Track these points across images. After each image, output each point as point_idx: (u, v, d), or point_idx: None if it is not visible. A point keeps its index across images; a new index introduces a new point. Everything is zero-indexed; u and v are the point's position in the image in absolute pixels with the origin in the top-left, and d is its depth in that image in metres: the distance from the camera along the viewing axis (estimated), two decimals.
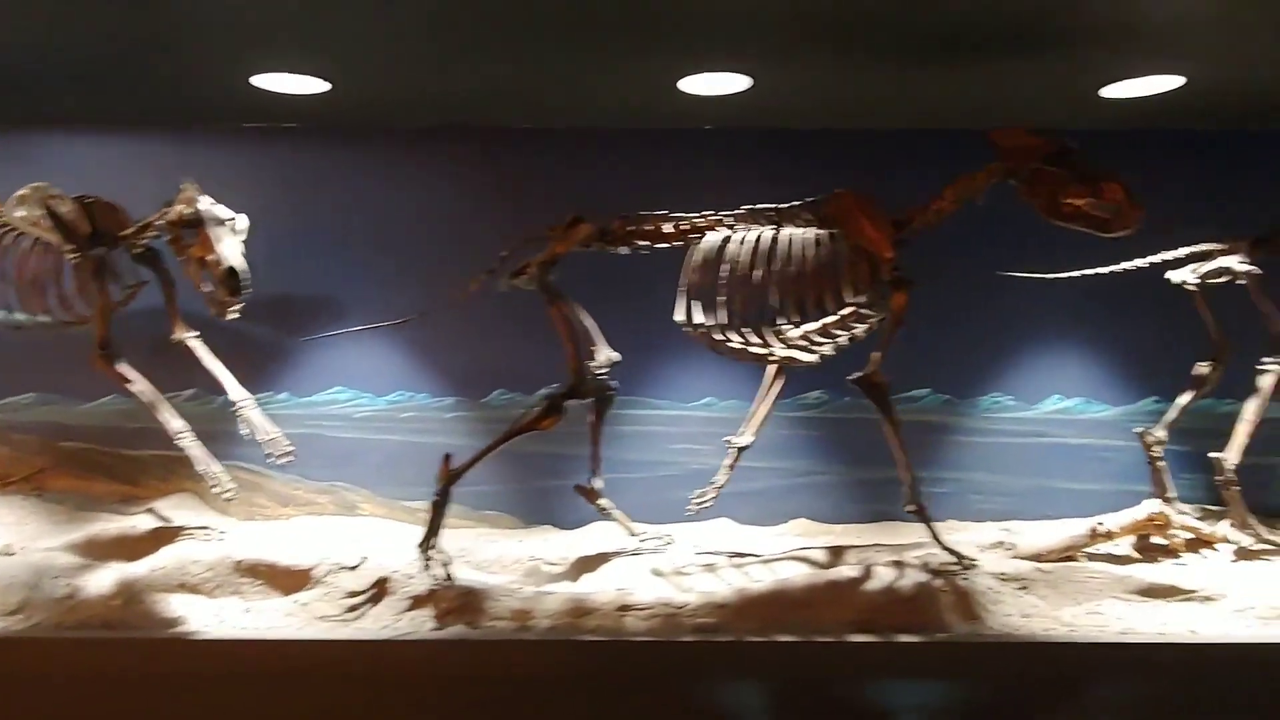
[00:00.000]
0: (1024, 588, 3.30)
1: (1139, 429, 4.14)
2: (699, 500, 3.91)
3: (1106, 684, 3.00)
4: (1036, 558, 3.59)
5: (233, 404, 3.78)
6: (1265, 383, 3.89)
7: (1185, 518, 3.90)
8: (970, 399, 4.50)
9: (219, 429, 4.13)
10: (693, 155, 4.40)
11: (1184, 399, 4.13)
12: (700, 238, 3.40)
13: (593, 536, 4.06)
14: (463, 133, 4.44)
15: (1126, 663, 2.98)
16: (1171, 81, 3.83)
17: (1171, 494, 4.12)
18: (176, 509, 4.09)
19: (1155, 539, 3.87)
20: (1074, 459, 4.49)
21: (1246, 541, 3.83)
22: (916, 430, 4.52)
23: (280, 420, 4.37)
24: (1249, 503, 4.45)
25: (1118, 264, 4.12)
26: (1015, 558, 3.52)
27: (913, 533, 4.00)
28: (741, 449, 3.88)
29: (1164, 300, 4.17)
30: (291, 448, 3.79)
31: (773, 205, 3.49)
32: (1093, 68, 3.73)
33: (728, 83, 3.78)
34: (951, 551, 3.44)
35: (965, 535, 3.91)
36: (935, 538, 3.47)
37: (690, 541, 3.87)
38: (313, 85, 3.80)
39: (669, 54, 3.56)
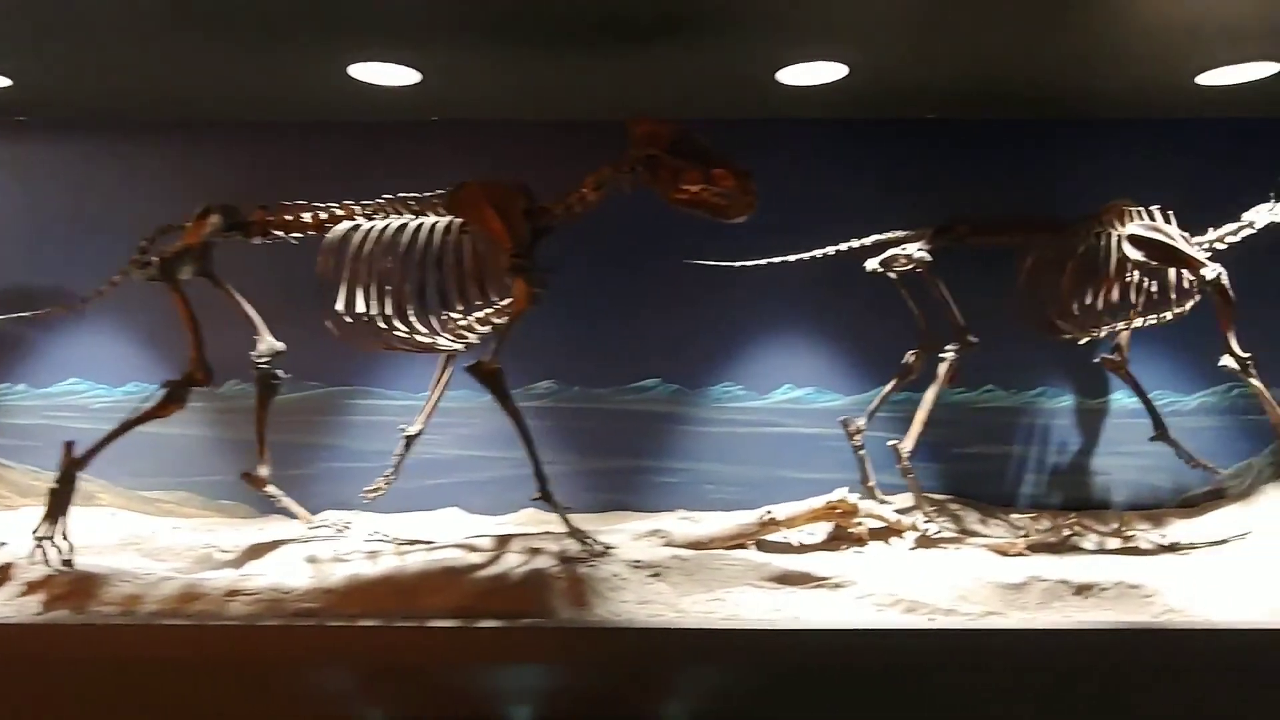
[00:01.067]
0: (656, 575, 3.30)
1: (842, 418, 4.19)
2: (370, 492, 3.94)
3: (695, 668, 3.03)
4: (698, 545, 3.62)
5: None
6: (942, 371, 3.91)
7: (873, 505, 3.92)
8: (701, 389, 4.52)
9: None
10: (361, 146, 4.42)
11: (887, 388, 4.18)
12: (345, 227, 3.44)
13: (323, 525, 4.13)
14: (166, 126, 4.48)
15: (719, 648, 3.00)
16: (839, 70, 3.83)
17: (872, 481, 4.16)
18: None
19: (845, 527, 3.85)
20: (806, 448, 4.50)
21: (932, 530, 3.84)
22: (646, 420, 4.59)
23: (18, 412, 4.48)
24: (986, 493, 4.57)
25: (812, 251, 4.15)
26: (668, 545, 3.55)
27: (626, 519, 4.11)
28: (411, 438, 3.91)
29: (887, 288, 4.16)
30: None
31: (415, 195, 3.54)
32: (764, 54, 3.73)
33: (396, 75, 3.82)
34: (581, 539, 3.45)
35: (646, 524, 3.90)
36: (566, 524, 3.48)
37: (372, 529, 3.87)
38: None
39: (335, 45, 3.59)
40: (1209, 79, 3.88)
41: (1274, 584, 3.31)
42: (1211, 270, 3.82)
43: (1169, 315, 3.98)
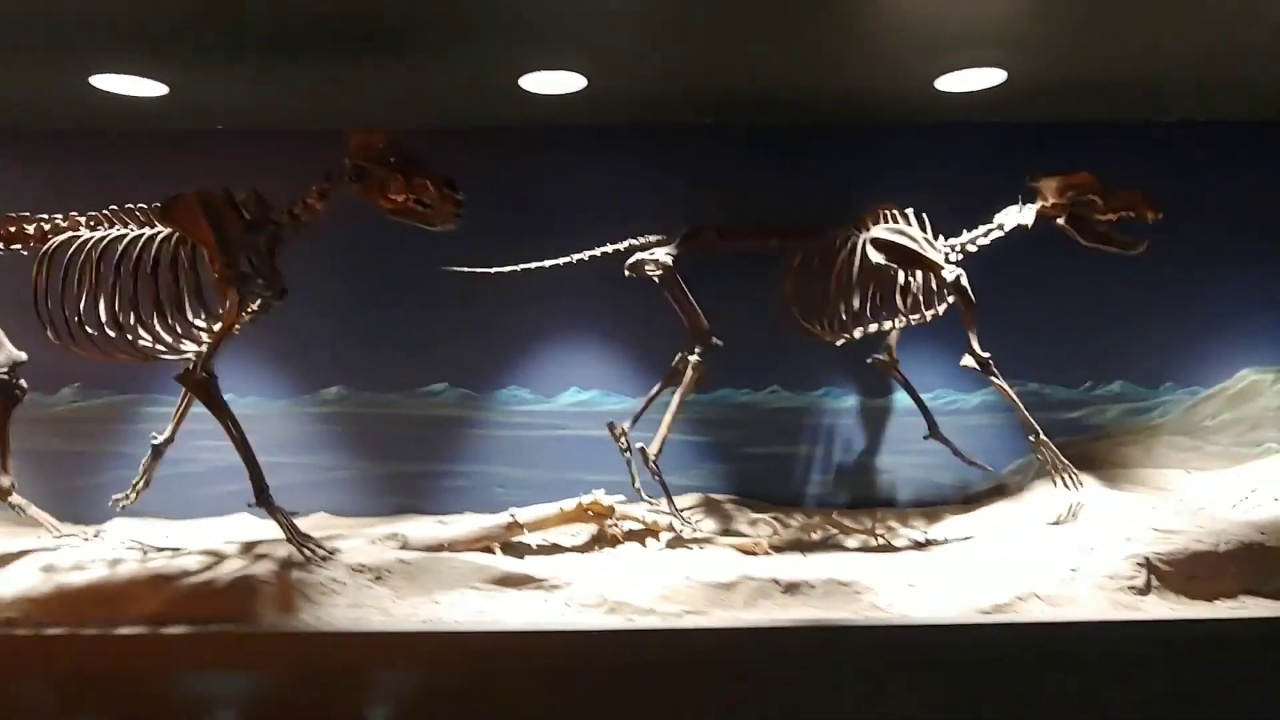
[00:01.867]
0: (378, 579, 3.35)
1: (609, 421, 4.24)
2: (120, 500, 3.95)
3: (392, 672, 3.08)
4: (437, 548, 3.66)
5: None
6: (687, 375, 3.97)
7: (629, 507, 3.98)
8: (489, 392, 4.57)
9: None
10: (107, 158, 4.41)
11: (653, 391, 4.23)
12: (62, 238, 3.49)
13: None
14: None
15: (412, 651, 3.05)
16: (578, 80, 3.88)
17: (638, 484, 4.21)
18: None
19: (601, 527, 3.91)
20: (594, 450, 4.50)
21: (687, 532, 3.90)
22: (436, 424, 4.64)
23: None
24: (775, 492, 4.63)
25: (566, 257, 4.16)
26: (403, 548, 3.58)
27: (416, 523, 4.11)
28: (158, 447, 3.91)
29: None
30: None
31: (141, 206, 3.57)
32: (506, 62, 3.76)
33: (142, 86, 3.85)
34: (301, 545, 3.44)
35: (388, 527, 3.93)
36: (286, 531, 3.49)
37: (125, 536, 3.86)
38: None
39: (76, 55, 3.59)
40: (946, 84, 3.95)
41: (977, 581, 3.37)
42: (950, 272, 3.89)
43: (926, 317, 4.06)
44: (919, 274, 3.98)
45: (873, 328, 4.03)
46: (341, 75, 3.83)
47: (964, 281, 3.87)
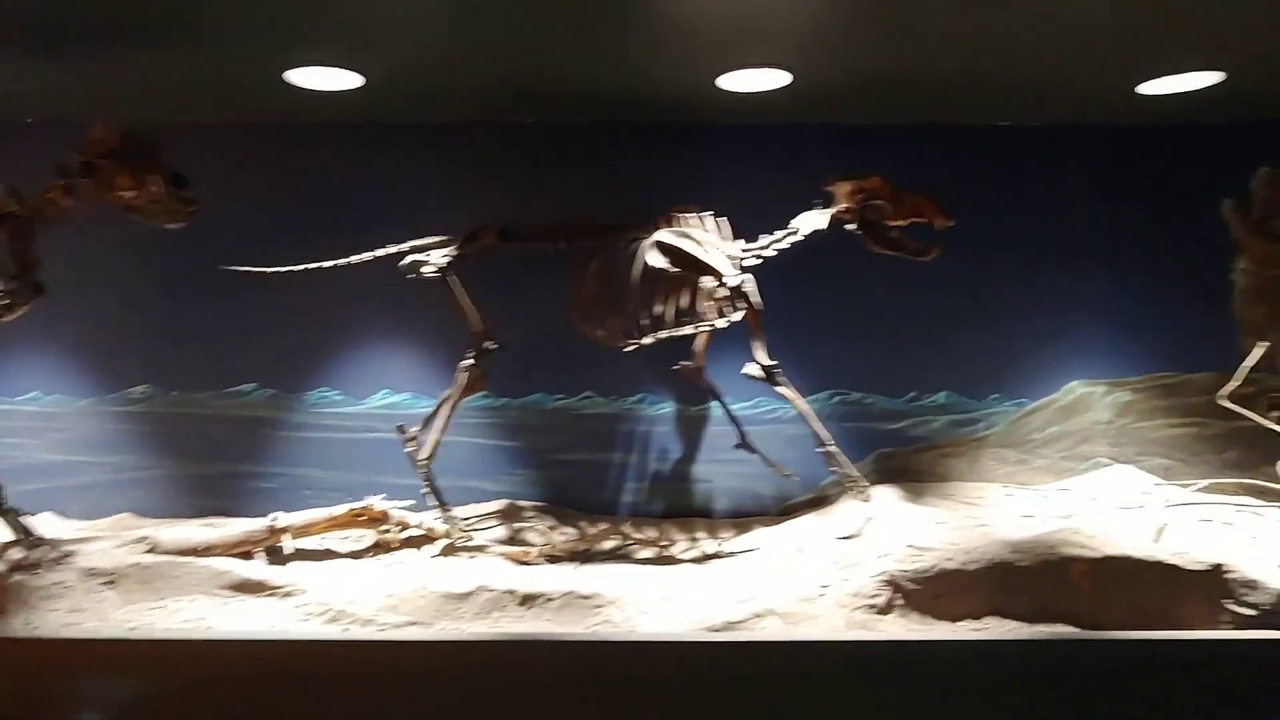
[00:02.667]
0: (110, 583, 3.29)
1: (398, 424, 4.15)
2: None
3: (100, 680, 3.01)
4: (194, 552, 3.59)
5: None
6: (460, 379, 3.88)
7: (403, 513, 3.89)
8: (298, 394, 4.48)
9: None
10: None
11: (445, 393, 4.14)
12: None
13: None
14: None
15: (118, 658, 2.98)
16: (354, 79, 3.80)
17: (425, 489, 4.12)
18: None
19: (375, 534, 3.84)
20: (403, 453, 4.52)
21: (458, 538, 3.79)
22: (244, 425, 4.56)
23: None
24: (588, 500, 4.53)
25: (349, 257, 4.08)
26: (151, 551, 3.51)
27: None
28: None
29: (480, 293, 4.11)
30: None
31: None
32: (273, 58, 3.66)
33: None
34: (29, 545, 3.40)
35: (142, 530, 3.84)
36: (14, 529, 3.46)
37: None
38: None
39: None
40: (729, 84, 3.84)
41: (726, 596, 3.28)
42: (733, 279, 3.78)
43: (719, 324, 3.94)
44: (710, 279, 3.90)
45: (663, 333, 3.94)
46: (111, 67, 3.71)
47: (747, 288, 3.77)
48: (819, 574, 3.34)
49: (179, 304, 4.43)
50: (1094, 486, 4.16)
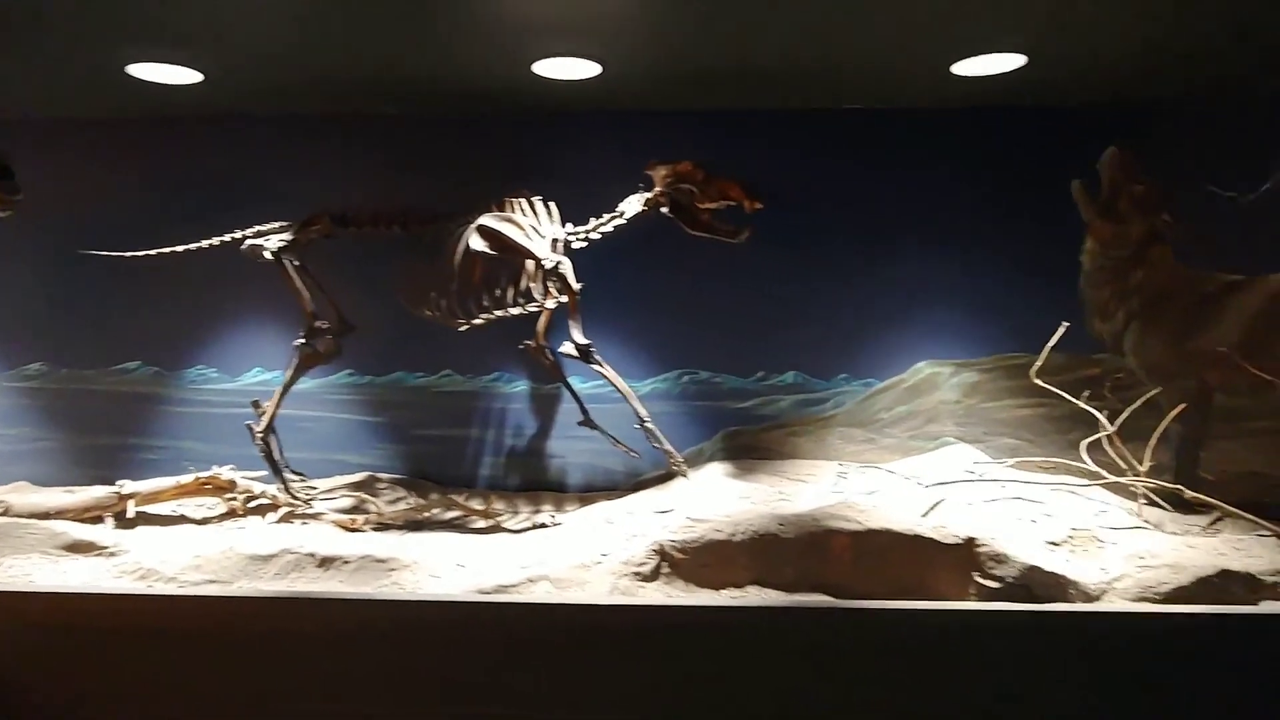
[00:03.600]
0: None
1: (254, 399, 4.37)
2: None
3: None
4: (44, 515, 3.86)
5: None
6: (295, 358, 4.10)
7: (249, 482, 4.13)
8: (178, 371, 4.77)
9: None
10: None
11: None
12: None
13: None
14: None
15: None
16: (193, 74, 4.01)
17: (278, 458, 4.34)
18: None
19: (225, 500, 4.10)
20: (280, 428, 4.61)
21: (294, 506, 4.04)
22: (130, 400, 4.84)
23: None
24: (447, 475, 4.70)
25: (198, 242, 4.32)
26: (4, 514, 3.80)
27: None
28: None
29: (347, 274, 4.38)
30: None
31: None
32: (115, 48, 3.86)
33: None
34: None
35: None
36: None
37: None
38: None
39: None
40: (544, 70, 3.95)
41: (514, 561, 3.45)
42: (550, 260, 3.92)
43: (548, 304, 4.08)
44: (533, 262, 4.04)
45: (497, 313, 4.09)
46: None
47: (564, 269, 3.90)
48: (606, 543, 3.51)
49: (69, 286, 4.73)
50: (929, 464, 4.26)
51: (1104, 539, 3.35)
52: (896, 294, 4.56)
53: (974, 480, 3.84)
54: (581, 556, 3.43)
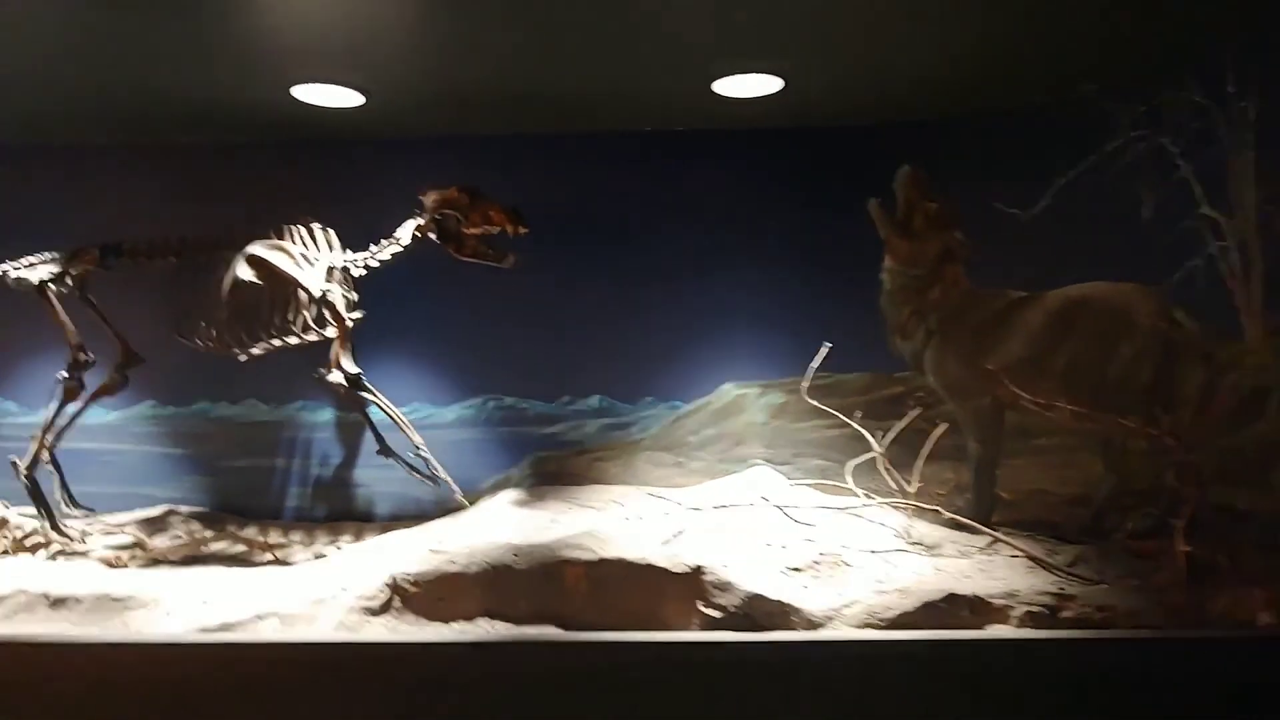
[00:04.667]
0: None
1: (34, 433, 4.28)
2: None
3: None
4: None
5: None
6: (58, 391, 4.03)
7: (21, 519, 4.04)
8: None
9: None
10: None
11: (73, 407, 4.18)
12: None
13: None
14: None
15: None
16: None
17: (58, 495, 4.25)
18: None
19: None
20: (78, 462, 4.53)
21: (62, 544, 3.92)
22: None
23: None
24: (254, 506, 4.57)
25: None
26: None
27: None
28: None
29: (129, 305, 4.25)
30: None
31: None
32: None
33: None
34: None
35: None
36: None
37: None
38: None
39: None
40: (302, 93, 3.94)
41: (257, 598, 3.35)
42: (317, 289, 3.88)
43: (326, 334, 4.01)
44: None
45: (275, 342, 4.03)
46: None
47: (331, 298, 3.87)
48: (350, 577, 3.42)
49: None
50: (732, 488, 4.20)
51: (851, 563, 3.31)
52: (700, 316, 4.52)
53: (741, 505, 3.77)
54: (322, 591, 3.35)
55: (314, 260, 3.96)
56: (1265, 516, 3.09)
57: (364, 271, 4.05)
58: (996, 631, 2.96)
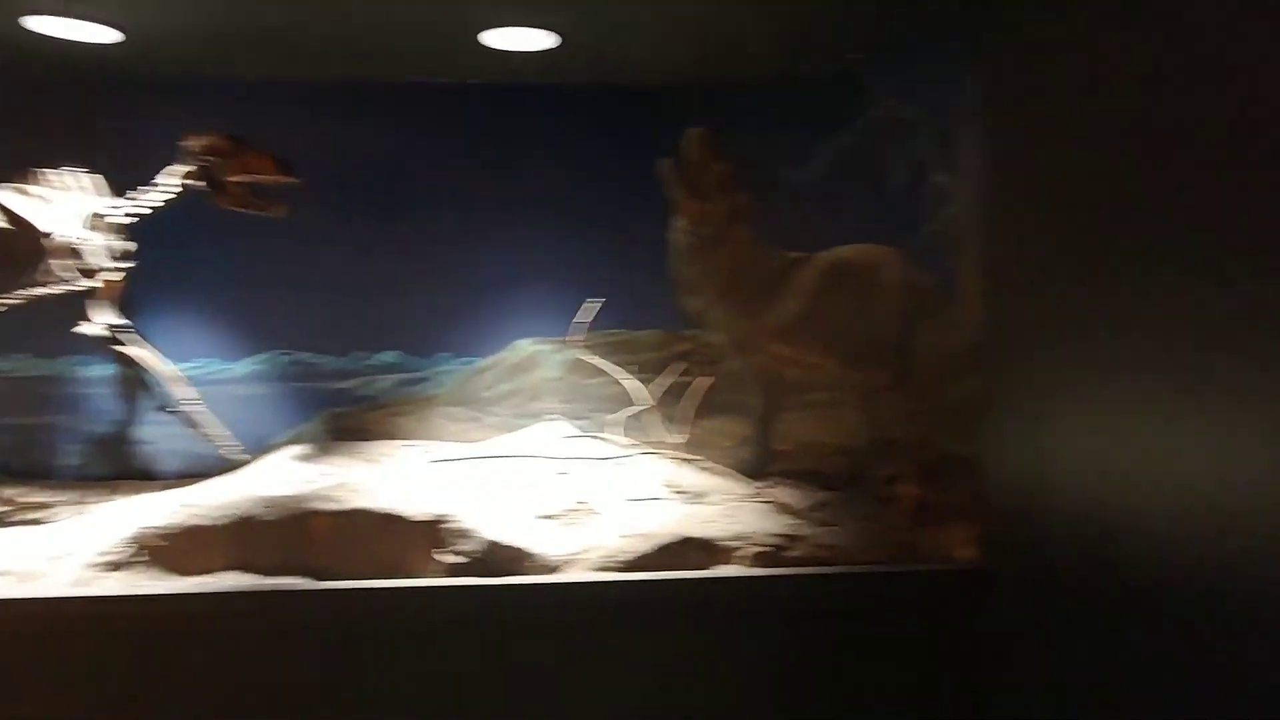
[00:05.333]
0: None
1: None
2: None
3: None
4: None
5: None
6: None
7: None
8: None
9: None
10: None
11: None
12: None
13: None
14: None
15: None
16: None
17: None
18: None
19: None
20: None
21: None
22: None
23: None
24: (27, 465, 4.34)
25: None
26: None
27: None
28: None
29: None
30: None
31: None
32: None
33: None
34: None
35: None
36: None
37: None
38: None
39: None
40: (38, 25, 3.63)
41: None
42: (63, 238, 3.73)
43: (84, 285, 3.84)
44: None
45: (24, 293, 3.85)
46: None
47: (84, 248, 3.71)
48: (98, 534, 3.35)
49: None
50: (517, 441, 4.28)
51: (603, 510, 3.44)
52: (495, 271, 4.51)
53: (493, 456, 3.85)
54: (62, 549, 3.28)
55: (67, 206, 3.78)
56: (974, 462, 3.35)
57: (129, 219, 3.90)
58: (720, 570, 3.16)
